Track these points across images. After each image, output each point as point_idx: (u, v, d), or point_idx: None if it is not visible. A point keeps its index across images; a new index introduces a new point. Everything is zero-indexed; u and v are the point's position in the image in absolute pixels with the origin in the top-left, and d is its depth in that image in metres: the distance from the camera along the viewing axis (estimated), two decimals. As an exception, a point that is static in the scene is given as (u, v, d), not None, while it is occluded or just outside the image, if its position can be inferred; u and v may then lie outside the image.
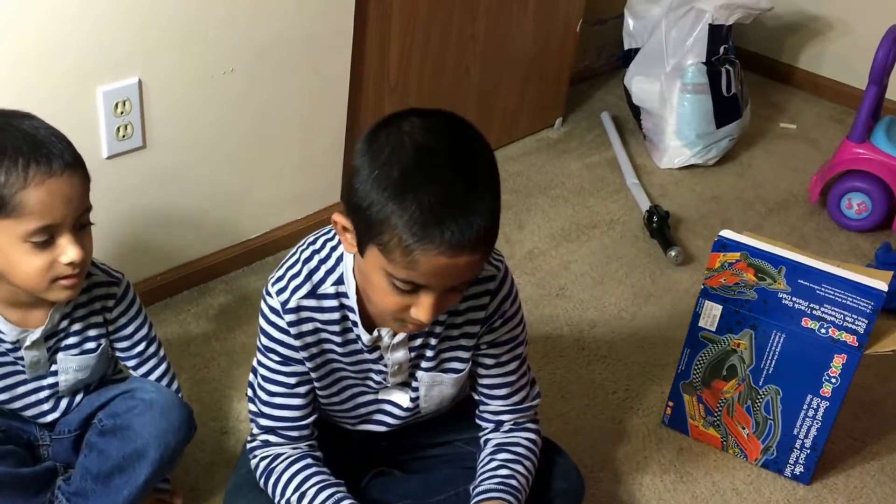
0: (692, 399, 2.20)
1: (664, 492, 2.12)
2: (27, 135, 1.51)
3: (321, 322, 1.61)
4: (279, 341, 1.62)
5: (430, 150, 1.38)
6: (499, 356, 1.73)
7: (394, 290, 1.44)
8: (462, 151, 1.40)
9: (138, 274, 2.41)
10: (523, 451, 1.75)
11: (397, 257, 1.38)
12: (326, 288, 1.59)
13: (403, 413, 1.76)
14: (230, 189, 2.50)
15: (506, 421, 1.78)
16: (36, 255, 1.53)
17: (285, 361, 1.64)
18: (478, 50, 3.05)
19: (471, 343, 1.69)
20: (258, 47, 2.35)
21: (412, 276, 1.40)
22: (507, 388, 1.76)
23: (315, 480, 1.66)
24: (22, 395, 1.75)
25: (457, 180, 1.37)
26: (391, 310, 1.47)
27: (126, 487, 1.69)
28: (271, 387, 1.67)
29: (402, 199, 1.35)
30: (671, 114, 3.28)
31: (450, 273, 1.40)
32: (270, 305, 1.61)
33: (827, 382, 2.02)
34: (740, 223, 3.04)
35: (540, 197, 3.13)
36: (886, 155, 3.01)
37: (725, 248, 2.01)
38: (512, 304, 1.69)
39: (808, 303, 1.97)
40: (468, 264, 1.40)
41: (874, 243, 3.05)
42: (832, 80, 3.95)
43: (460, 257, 1.38)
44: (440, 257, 1.36)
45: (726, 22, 3.23)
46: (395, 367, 1.68)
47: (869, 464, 2.25)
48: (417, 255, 1.36)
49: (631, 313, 2.64)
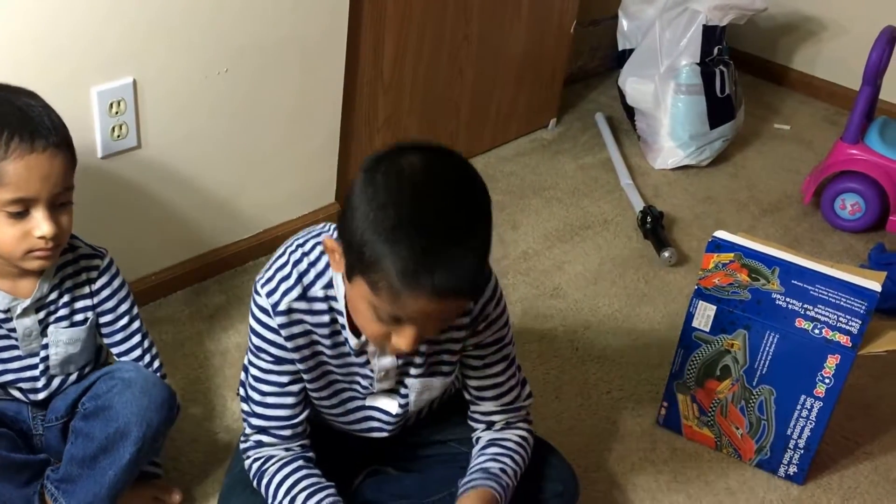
0: (686, 399, 2.20)
1: (658, 492, 2.12)
2: (19, 110, 1.60)
3: (311, 324, 1.62)
4: (270, 341, 1.63)
5: (428, 195, 1.41)
6: (485, 357, 1.73)
7: (377, 320, 1.47)
8: (459, 197, 1.43)
9: (133, 273, 2.40)
10: (513, 446, 1.76)
11: (384, 296, 1.41)
12: (316, 291, 1.60)
13: (393, 419, 1.77)
14: (224, 189, 2.50)
15: (497, 421, 1.79)
16: (10, 224, 1.61)
17: (277, 361, 1.65)
18: (472, 51, 3.05)
19: (457, 347, 1.70)
20: (252, 48, 2.35)
21: (398, 313, 1.43)
22: (496, 390, 1.77)
23: (305, 484, 1.66)
24: (16, 368, 1.79)
25: (451, 227, 1.40)
26: (373, 336, 1.51)
27: (111, 468, 1.72)
28: (263, 386, 1.68)
29: (396, 244, 1.37)
30: (665, 114, 3.29)
31: (436, 314, 1.45)
32: (261, 306, 1.61)
33: (821, 383, 2.02)
34: (734, 224, 3.04)
35: (534, 198, 3.14)
36: (880, 156, 3.02)
37: (719, 249, 2.02)
38: (496, 307, 1.69)
39: (802, 303, 1.98)
40: (455, 307, 1.48)
41: (868, 244, 3.06)
42: (826, 80, 3.96)
43: (447, 301, 1.42)
44: (428, 302, 1.40)
45: (720, 23, 3.24)
46: (381, 373, 1.68)
47: (862, 464, 2.25)
48: (405, 298, 1.39)
49: (625, 314, 2.65)
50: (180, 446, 2.08)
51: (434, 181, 1.42)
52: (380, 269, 1.38)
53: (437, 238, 1.38)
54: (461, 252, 1.39)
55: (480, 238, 1.44)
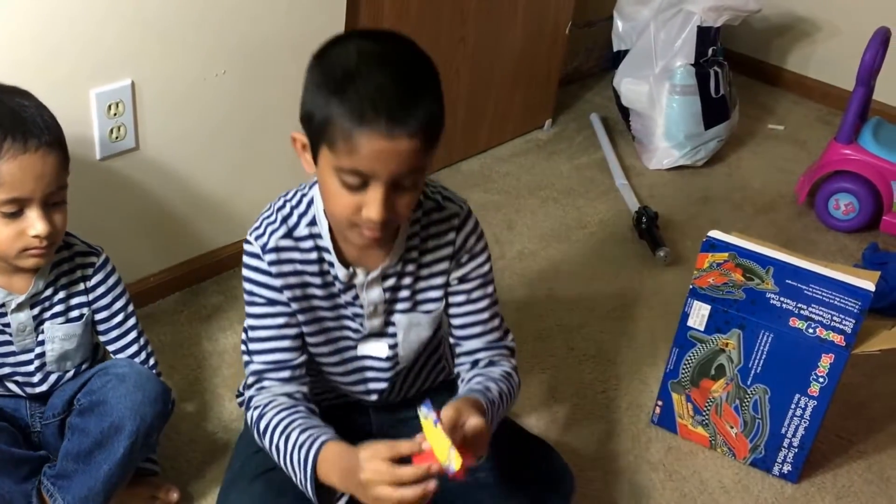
0: (681, 398, 2.21)
1: (653, 490, 2.13)
2: (12, 112, 1.61)
3: (300, 262, 1.65)
4: (262, 284, 1.65)
5: (373, 52, 1.49)
6: (469, 292, 1.75)
7: (345, 189, 1.50)
8: (403, 55, 1.51)
9: (131, 275, 2.41)
10: (497, 376, 1.74)
11: (341, 146, 1.45)
12: (301, 230, 1.65)
13: (385, 365, 1.78)
14: (222, 190, 2.51)
15: (482, 359, 1.78)
16: (5, 224, 1.63)
17: (270, 302, 1.66)
18: (468, 52, 3.07)
19: (442, 281, 1.72)
20: (250, 50, 2.36)
21: (356, 162, 1.46)
22: (481, 326, 1.78)
23: (300, 422, 1.63)
24: (11, 363, 1.81)
25: (397, 75, 1.47)
26: (345, 214, 1.52)
27: (106, 463, 1.74)
28: (260, 332, 1.68)
29: (343, 93, 1.44)
30: (660, 115, 3.30)
31: (390, 158, 1.46)
32: (251, 252, 1.66)
33: (815, 382, 2.04)
34: (728, 224, 3.05)
35: (529, 198, 3.15)
36: (873, 156, 3.03)
37: (714, 249, 2.03)
38: (478, 242, 1.73)
39: (796, 303, 1.99)
40: (408, 151, 1.46)
41: (861, 243, 3.07)
42: (820, 81, 3.98)
43: (399, 141, 1.44)
44: (379, 140, 1.43)
45: (714, 24, 3.25)
46: (370, 307, 1.70)
47: (856, 462, 2.26)
48: (357, 138, 1.43)
49: (620, 313, 2.66)
50: (178, 446, 2.09)
51: (380, 44, 1.52)
52: (333, 122, 1.45)
53: (384, 82, 1.45)
54: (410, 90, 1.46)
55: (430, 87, 1.50)
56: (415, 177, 1.51)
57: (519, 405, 2.28)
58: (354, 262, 1.67)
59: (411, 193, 1.54)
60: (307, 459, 1.55)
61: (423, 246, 1.70)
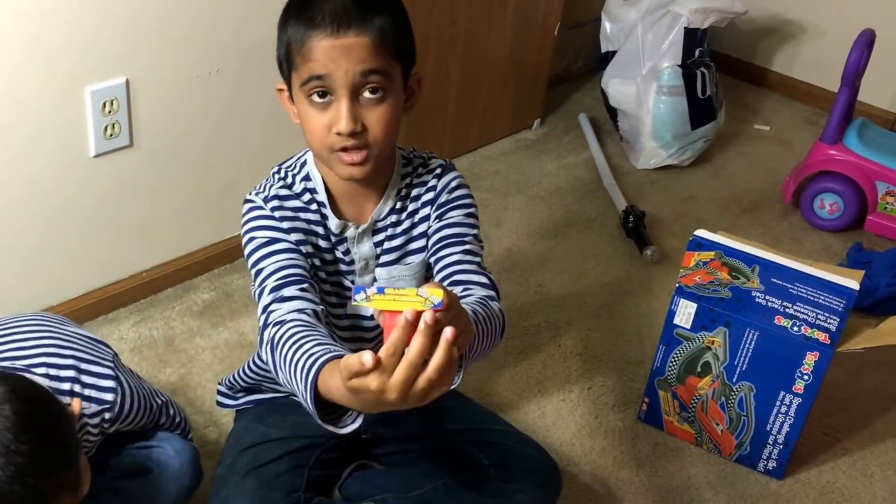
0: (667, 395, 2.23)
1: (640, 486, 2.15)
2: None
3: (301, 211, 1.68)
4: (267, 226, 1.66)
5: None
6: (447, 238, 1.70)
7: (315, 110, 1.54)
8: None
9: (124, 271, 2.43)
10: (472, 300, 1.58)
11: (298, 61, 1.52)
12: (297, 187, 1.69)
13: (373, 324, 1.78)
14: (215, 187, 2.52)
15: (465, 296, 1.61)
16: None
17: (279, 240, 1.64)
18: (457, 52, 3.08)
19: (425, 228, 1.73)
20: (243, 48, 2.38)
21: (312, 68, 1.50)
22: (463, 276, 1.67)
23: (313, 338, 1.47)
24: None
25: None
26: (321, 136, 1.55)
27: None
28: (269, 259, 1.63)
29: (299, 12, 1.53)
30: (647, 115, 3.32)
31: (341, 55, 1.49)
32: (253, 204, 1.68)
33: (799, 379, 2.05)
34: (715, 223, 3.07)
35: (518, 196, 3.17)
36: (858, 156, 3.05)
37: (700, 248, 2.04)
38: (459, 188, 1.74)
39: (781, 301, 2.01)
40: (359, 47, 1.50)
41: (846, 243, 3.09)
42: (805, 82, 4.00)
43: (347, 36, 1.49)
44: (328, 38, 1.49)
45: (701, 25, 3.27)
46: (361, 262, 1.73)
47: (840, 459, 2.28)
48: (308, 42, 1.50)
49: (607, 311, 2.67)
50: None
51: None
52: (291, 41, 1.53)
53: None
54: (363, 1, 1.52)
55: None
56: (377, 82, 1.52)
57: (506, 401, 2.30)
58: (350, 218, 1.70)
59: (381, 107, 1.54)
60: (311, 367, 1.38)
61: (411, 194, 1.73)
